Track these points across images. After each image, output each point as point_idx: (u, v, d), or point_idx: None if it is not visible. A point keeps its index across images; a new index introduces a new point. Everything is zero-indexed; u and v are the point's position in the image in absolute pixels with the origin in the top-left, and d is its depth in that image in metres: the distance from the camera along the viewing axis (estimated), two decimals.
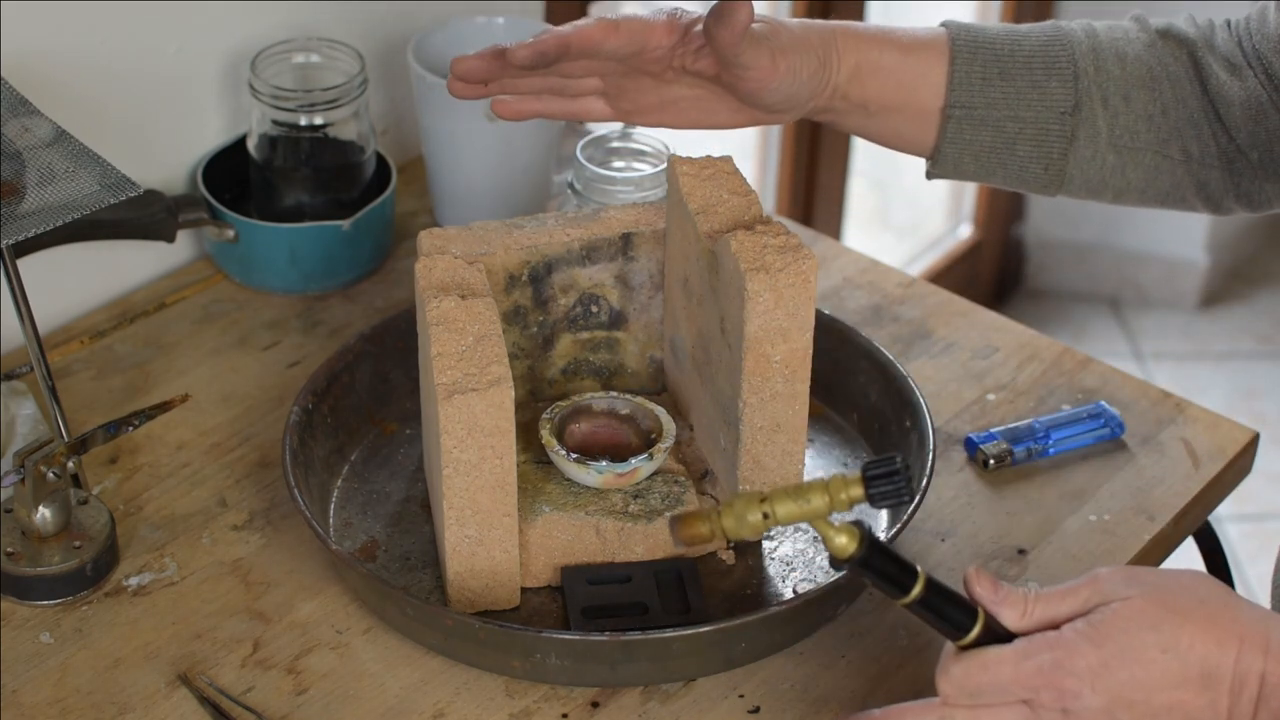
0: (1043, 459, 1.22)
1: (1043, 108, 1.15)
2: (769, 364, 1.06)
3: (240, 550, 1.14)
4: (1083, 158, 1.16)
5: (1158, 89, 1.15)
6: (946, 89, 1.15)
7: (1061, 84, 1.15)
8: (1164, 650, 0.89)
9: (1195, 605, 0.90)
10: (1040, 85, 1.15)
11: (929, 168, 1.20)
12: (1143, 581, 0.92)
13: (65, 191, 1.08)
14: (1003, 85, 1.15)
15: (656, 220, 1.17)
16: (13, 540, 1.10)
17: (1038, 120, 1.15)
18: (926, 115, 1.16)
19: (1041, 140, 1.16)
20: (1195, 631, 0.89)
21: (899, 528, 1.10)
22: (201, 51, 1.36)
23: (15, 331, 1.16)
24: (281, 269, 1.35)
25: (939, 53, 1.15)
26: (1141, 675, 0.89)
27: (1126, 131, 1.16)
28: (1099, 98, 1.15)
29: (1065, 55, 1.15)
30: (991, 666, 0.91)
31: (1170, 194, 1.19)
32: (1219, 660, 0.89)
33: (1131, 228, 2.93)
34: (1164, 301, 2.94)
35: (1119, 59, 1.15)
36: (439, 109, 1.36)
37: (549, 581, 1.11)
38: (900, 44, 1.15)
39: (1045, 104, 1.15)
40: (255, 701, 1.04)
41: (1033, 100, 1.15)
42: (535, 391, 1.20)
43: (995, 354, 1.32)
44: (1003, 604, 0.92)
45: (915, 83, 1.15)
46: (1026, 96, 1.15)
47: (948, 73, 1.15)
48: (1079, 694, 0.89)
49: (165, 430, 1.22)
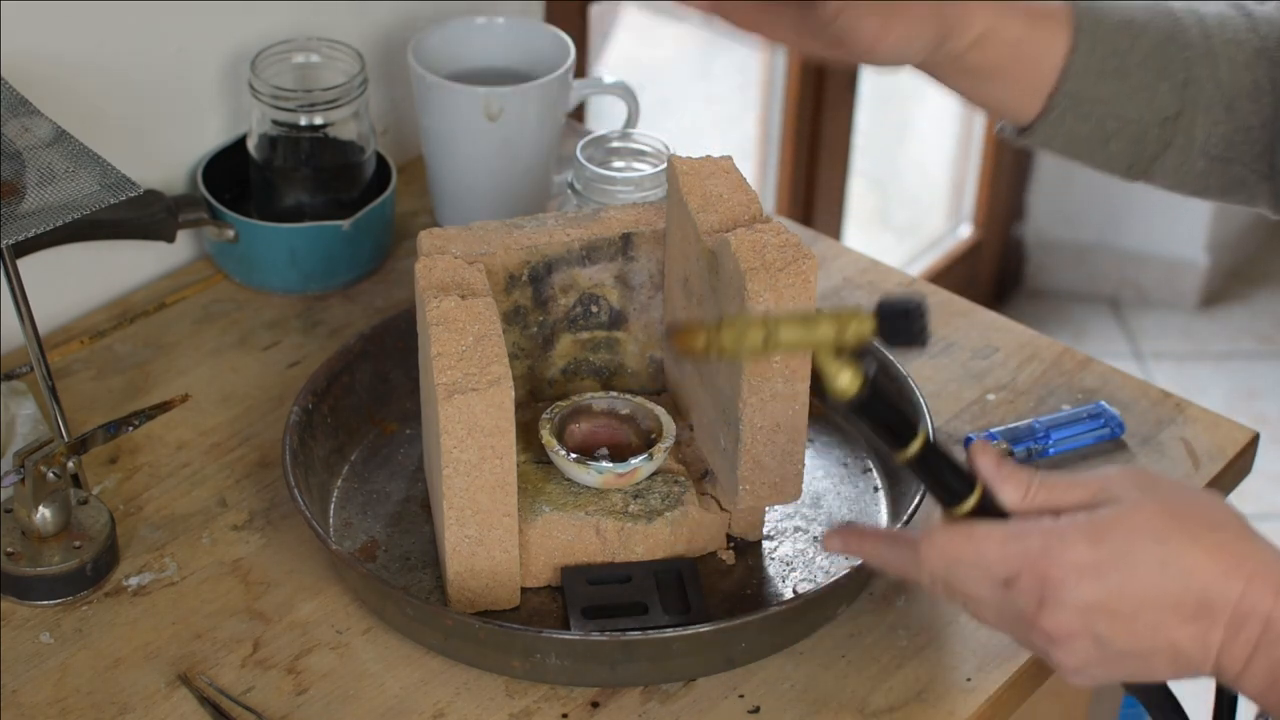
0: (1043, 459, 1.22)
1: (1147, 110, 1.12)
2: (769, 364, 1.06)
3: (240, 550, 1.14)
4: (1171, 164, 1.14)
5: (1260, 100, 1.12)
6: (1060, 75, 1.11)
7: (1171, 89, 1.12)
8: (1163, 565, 0.84)
9: (1208, 528, 0.85)
10: (1150, 87, 1.12)
11: (1011, 134, 1.16)
12: (1158, 489, 0.87)
13: (65, 191, 1.08)
14: (1115, 83, 1.12)
15: (656, 220, 1.17)
16: (13, 540, 1.10)
17: (1139, 121, 1.12)
18: (1034, 93, 1.12)
19: (1137, 141, 1.13)
20: (1201, 555, 0.84)
21: (899, 527, 1.09)
22: (201, 51, 1.36)
23: (15, 331, 1.16)
24: (281, 269, 1.35)
25: (1061, 28, 1.11)
26: (1132, 586, 0.84)
27: (1222, 141, 1.13)
28: (1203, 105, 1.12)
29: (1179, 59, 1.12)
30: (979, 539, 0.87)
31: (1243, 198, 1.16)
32: (1222, 591, 0.84)
33: (1131, 228, 2.93)
34: (1164, 301, 2.94)
35: (1230, 65, 1.12)
36: (439, 109, 1.36)
37: (549, 581, 1.11)
38: (1028, 11, 1.10)
39: (1150, 106, 1.12)
40: (255, 701, 1.04)
41: (1139, 101, 1.12)
42: (535, 391, 1.20)
43: (995, 354, 1.32)
44: (1006, 481, 0.88)
45: (1034, 58, 1.11)
46: (1134, 97, 1.12)
47: (1065, 58, 1.11)
48: (1062, 586, 0.85)
49: (165, 430, 1.22)
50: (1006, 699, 1.07)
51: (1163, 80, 1.12)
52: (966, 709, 1.05)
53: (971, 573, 0.88)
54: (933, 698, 1.05)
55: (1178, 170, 1.15)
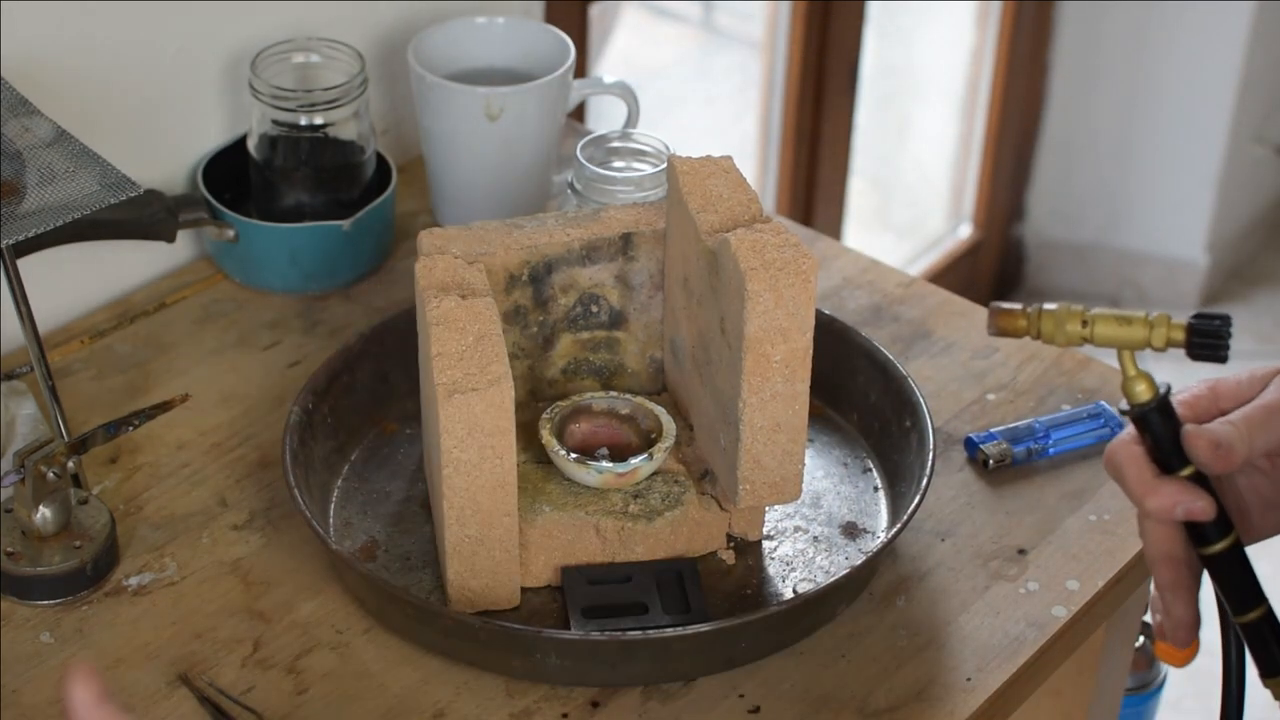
0: (1043, 459, 1.22)
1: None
2: (769, 364, 1.06)
3: (240, 550, 1.14)
4: None
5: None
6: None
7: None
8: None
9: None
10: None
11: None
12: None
13: (65, 191, 1.08)
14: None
15: (656, 220, 1.17)
16: (13, 540, 1.10)
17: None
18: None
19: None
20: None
21: (900, 527, 1.10)
22: (201, 51, 1.36)
23: (15, 331, 1.16)
24: (281, 269, 1.35)
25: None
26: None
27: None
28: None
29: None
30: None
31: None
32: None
33: (1131, 228, 2.94)
34: (1164, 301, 2.94)
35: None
36: (439, 109, 1.36)
37: (549, 581, 1.11)
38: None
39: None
40: (255, 701, 1.04)
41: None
42: (535, 391, 1.20)
43: (995, 354, 1.32)
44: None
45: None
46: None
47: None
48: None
49: (165, 430, 1.22)
50: (1006, 699, 1.07)
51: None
52: (966, 709, 1.05)
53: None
54: (933, 698, 1.05)
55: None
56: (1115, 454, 0.94)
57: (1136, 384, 0.92)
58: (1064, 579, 1.13)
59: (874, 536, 1.15)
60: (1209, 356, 0.91)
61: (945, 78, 2.91)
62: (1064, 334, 0.93)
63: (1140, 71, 2.81)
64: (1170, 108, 2.83)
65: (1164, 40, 2.77)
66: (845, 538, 1.15)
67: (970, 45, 2.81)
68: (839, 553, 1.14)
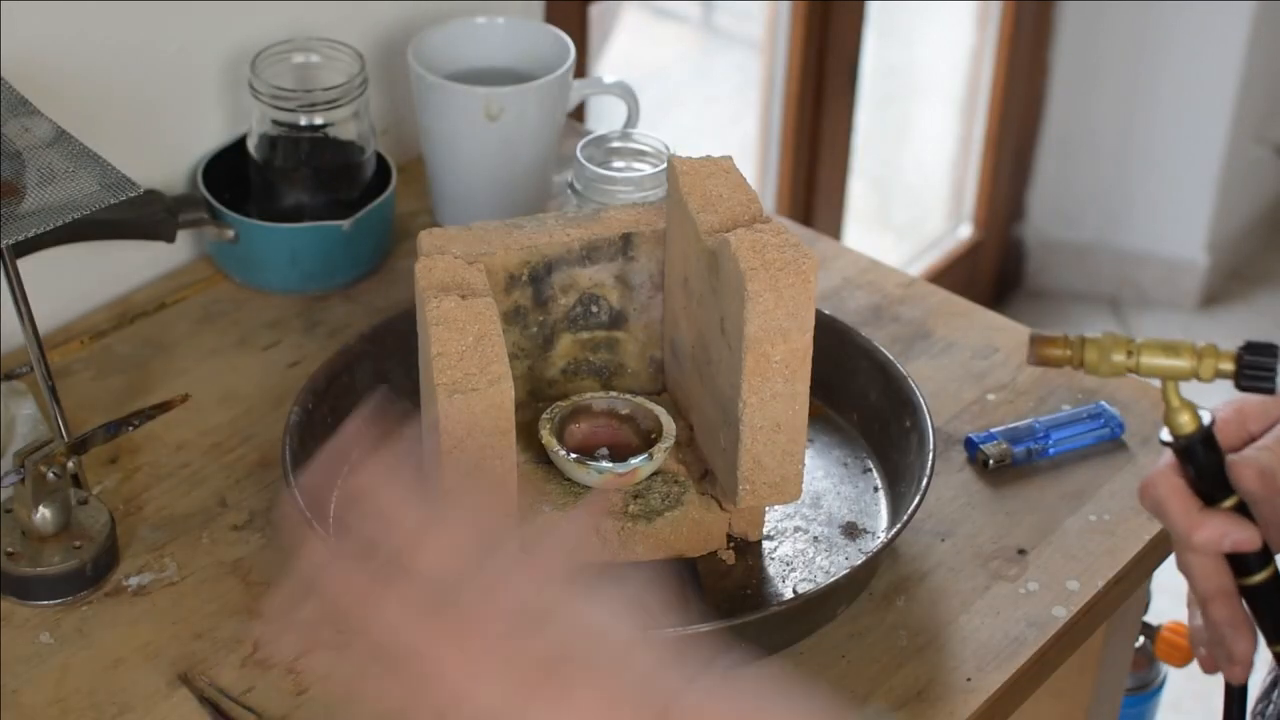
0: (1043, 459, 1.22)
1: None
2: (769, 364, 1.06)
3: (240, 550, 1.14)
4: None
5: None
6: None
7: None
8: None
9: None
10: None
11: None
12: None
13: (65, 191, 1.08)
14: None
15: (656, 220, 1.17)
16: (13, 540, 1.10)
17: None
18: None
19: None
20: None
21: (899, 527, 1.10)
22: (201, 51, 1.36)
23: (15, 331, 1.16)
24: (281, 269, 1.35)
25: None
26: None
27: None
28: None
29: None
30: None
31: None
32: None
33: (1131, 228, 2.94)
34: (1164, 301, 2.95)
35: None
36: (439, 109, 1.36)
37: None
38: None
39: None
40: (255, 701, 1.04)
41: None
42: (535, 391, 1.20)
43: (995, 354, 1.32)
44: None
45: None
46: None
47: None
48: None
49: (165, 430, 1.22)
50: (1006, 699, 1.07)
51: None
52: (966, 709, 1.05)
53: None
54: (933, 698, 1.05)
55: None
56: (1156, 487, 0.91)
57: (1180, 415, 0.89)
58: (1064, 579, 1.13)
59: (874, 537, 1.15)
60: (1258, 388, 0.88)
61: (945, 78, 2.91)
62: (1109, 364, 0.89)
63: (1140, 72, 2.81)
64: (1170, 108, 2.83)
65: (1164, 40, 2.77)
66: (845, 538, 1.15)
67: (970, 45, 2.81)
68: (839, 553, 1.14)
